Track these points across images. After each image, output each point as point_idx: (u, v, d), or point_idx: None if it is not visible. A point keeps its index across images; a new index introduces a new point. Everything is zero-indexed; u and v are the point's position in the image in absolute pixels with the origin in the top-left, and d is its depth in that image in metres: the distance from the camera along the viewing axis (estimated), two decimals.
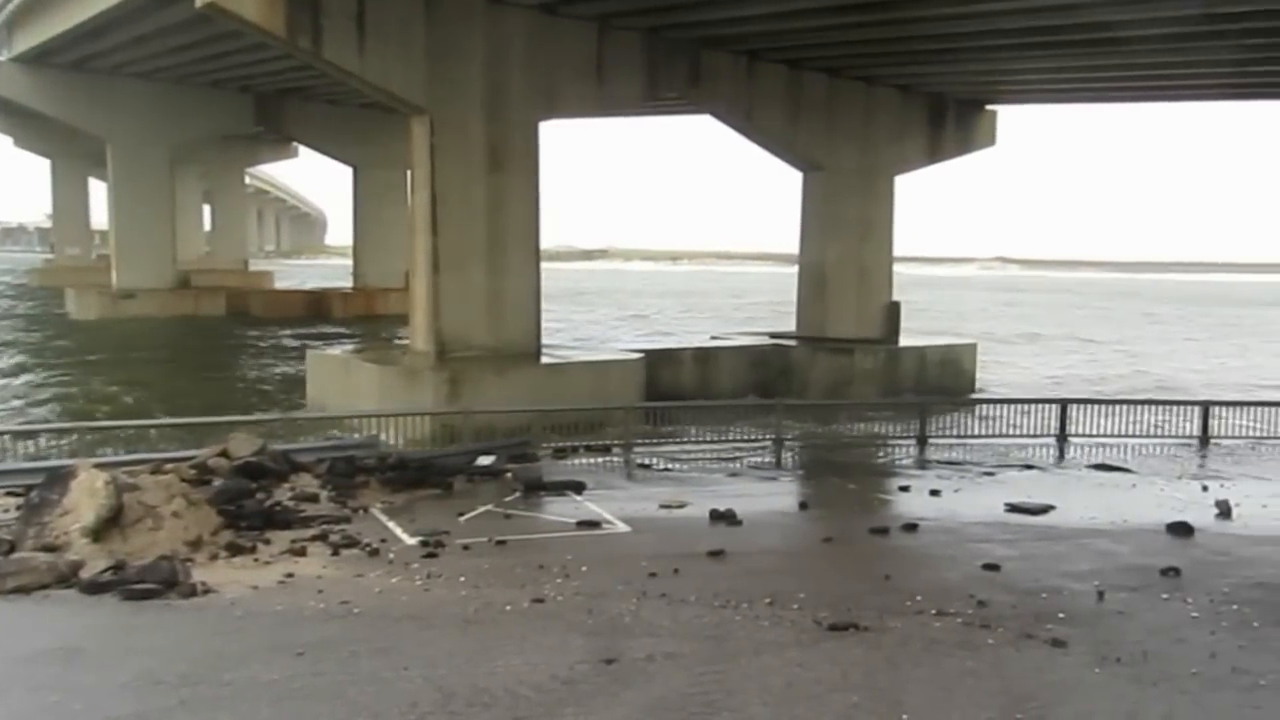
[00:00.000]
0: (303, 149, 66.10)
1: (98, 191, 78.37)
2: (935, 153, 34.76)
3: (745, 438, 21.16)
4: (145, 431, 18.47)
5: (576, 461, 19.09)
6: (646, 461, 19.07)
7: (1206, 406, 23.02)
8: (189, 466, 13.91)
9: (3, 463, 15.55)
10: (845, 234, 32.90)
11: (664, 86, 27.25)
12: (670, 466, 18.86)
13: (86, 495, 11.33)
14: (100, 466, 12.29)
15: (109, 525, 11.26)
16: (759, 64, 29.26)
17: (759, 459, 19.91)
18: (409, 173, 54.86)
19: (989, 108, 35.58)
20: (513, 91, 24.05)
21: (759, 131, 31.08)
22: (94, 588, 10.23)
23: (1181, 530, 13.97)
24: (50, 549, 10.92)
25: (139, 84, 46.04)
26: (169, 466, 13.69)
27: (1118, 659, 8.97)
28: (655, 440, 20.82)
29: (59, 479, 11.79)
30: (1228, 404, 23.93)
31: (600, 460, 19.23)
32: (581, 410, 21.06)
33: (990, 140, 35.99)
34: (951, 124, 34.66)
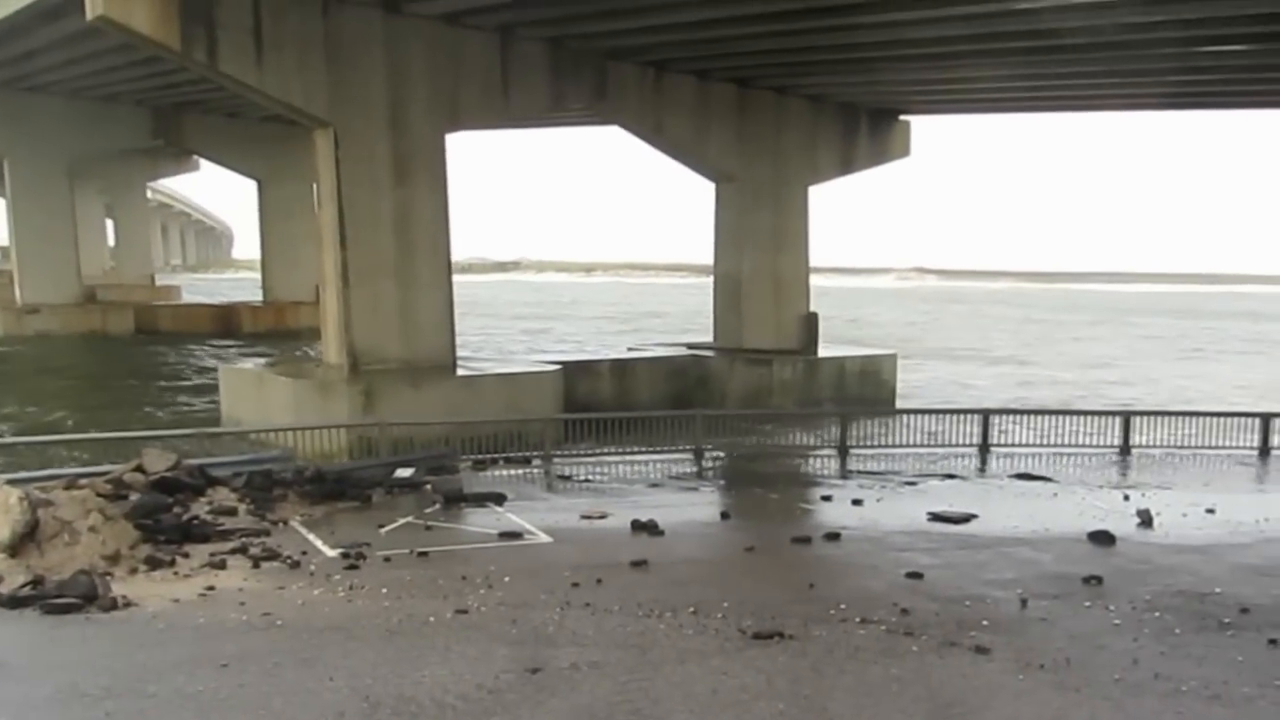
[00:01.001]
0: (205, 162, 65.03)
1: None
2: (849, 163, 35.00)
3: (665, 448, 21.20)
4: (57, 448, 18.33)
5: (496, 474, 19.07)
6: (566, 473, 19.05)
7: (1127, 417, 23.27)
8: (104, 482, 13.68)
9: None
10: (760, 245, 33.10)
11: (570, 98, 27.23)
12: (590, 478, 18.90)
13: (1, 511, 11.20)
14: (13, 483, 12.25)
15: (25, 541, 11.24)
16: (667, 75, 29.33)
17: (680, 469, 19.96)
18: (315, 186, 55.19)
19: (902, 118, 35.92)
20: (417, 103, 23.82)
21: (669, 143, 31.18)
22: (13, 602, 10.23)
23: (1103, 539, 14.12)
24: None
25: (34, 98, 45.32)
26: (83, 482, 13.50)
27: (1040, 665, 9.08)
28: (575, 452, 20.79)
29: None
30: (1148, 414, 24.19)
31: (520, 472, 19.22)
32: (500, 422, 20.89)
33: (904, 151, 36.31)
34: (865, 134, 34.96)
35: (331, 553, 12.59)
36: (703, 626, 9.97)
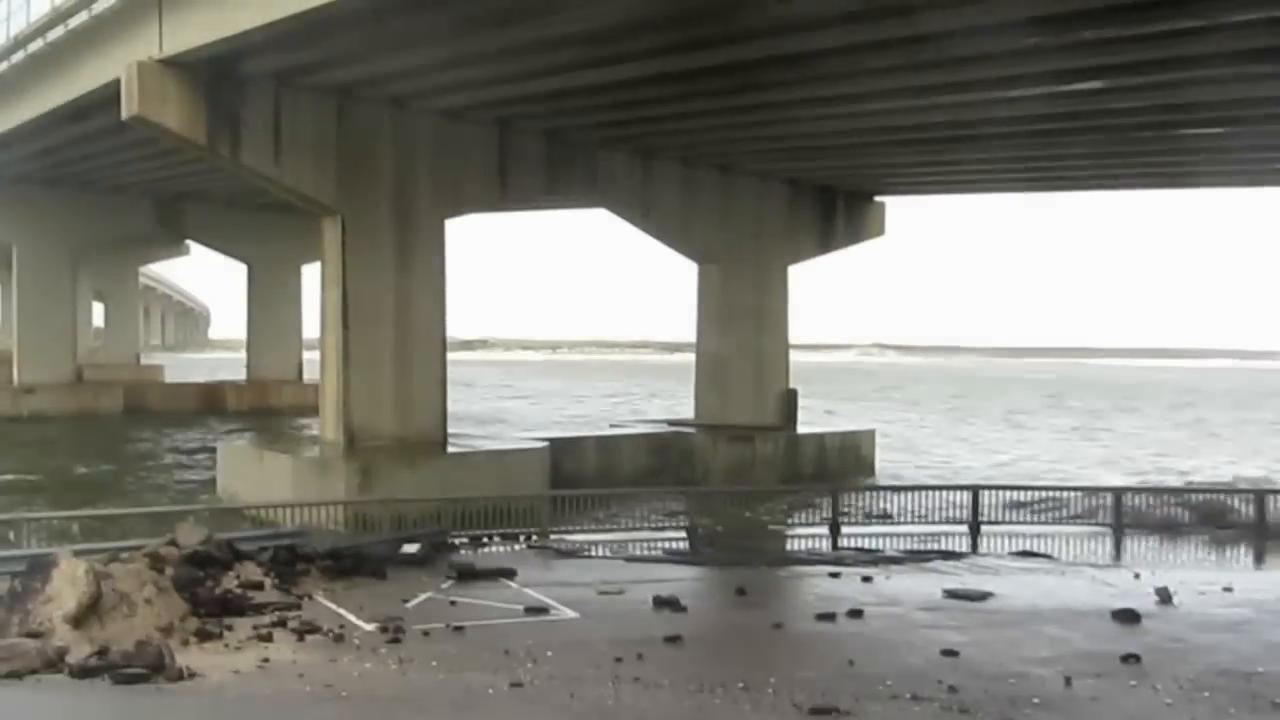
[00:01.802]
0: (194, 246, 66.21)
1: None
2: (827, 243, 36.06)
3: (658, 524, 21.60)
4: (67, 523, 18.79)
5: (493, 549, 19.34)
6: (563, 548, 19.42)
7: (1119, 493, 23.24)
8: (142, 555, 13.99)
9: None
10: (742, 323, 33.96)
11: (564, 185, 28.33)
12: (590, 553, 19.21)
13: (68, 583, 11.56)
14: (79, 555, 12.56)
15: (88, 612, 11.50)
16: (654, 162, 30.53)
17: (675, 545, 20.27)
18: (300, 269, 56.15)
19: (877, 199, 37.10)
20: (420, 192, 24.91)
21: (655, 226, 32.24)
22: (84, 672, 10.43)
23: (1128, 617, 13.97)
24: (34, 635, 11.11)
25: (43, 190, 46.59)
26: (125, 555, 13.79)
27: None
28: (569, 528, 21.21)
29: (41, 567, 12.00)
30: (1140, 490, 24.12)
31: (516, 548, 19.48)
32: (497, 498, 21.42)
33: (879, 230, 37.44)
34: (842, 215, 36.07)
35: (368, 626, 12.87)
36: (757, 702, 10.08)
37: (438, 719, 9.44)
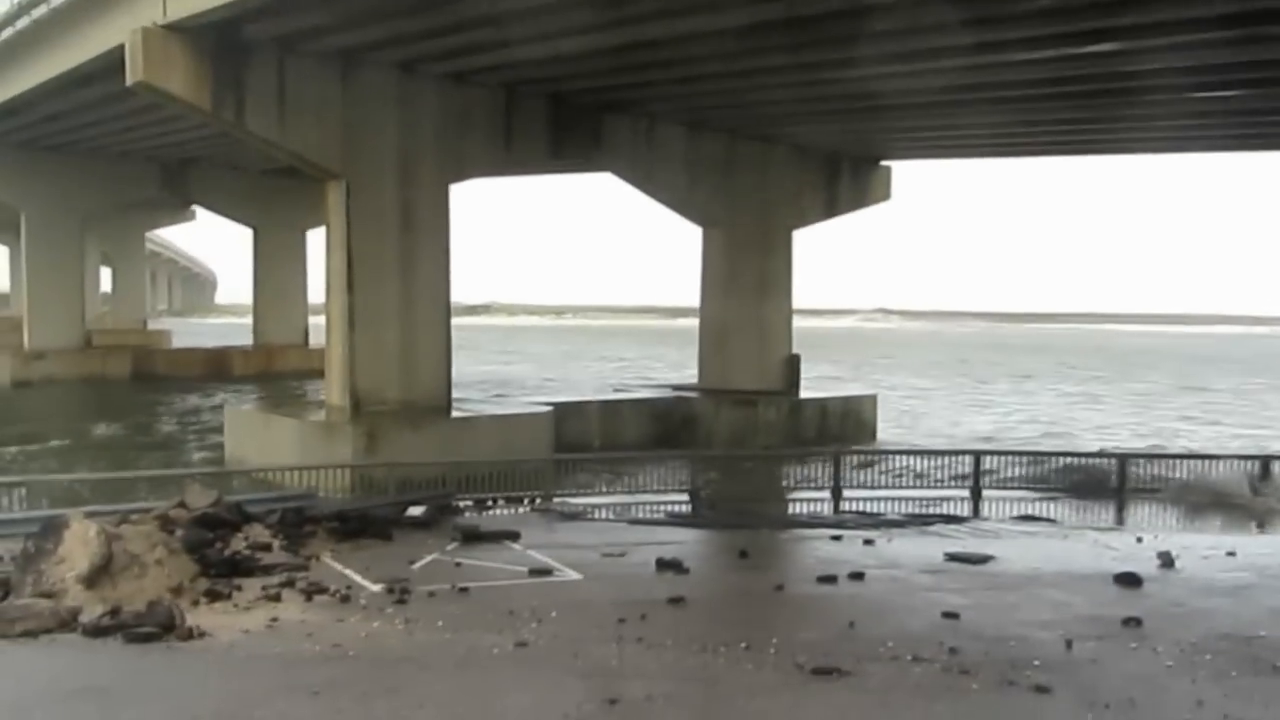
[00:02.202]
0: (200, 210, 66.47)
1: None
2: (832, 208, 35.95)
3: (660, 488, 21.73)
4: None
5: (498, 512, 19.53)
6: (566, 511, 19.59)
7: (1123, 459, 23.28)
8: (152, 517, 14.18)
9: None
10: (746, 288, 34.00)
11: (568, 149, 28.28)
12: (593, 516, 19.34)
13: (80, 544, 11.73)
14: (90, 516, 12.72)
15: (100, 573, 11.68)
16: (659, 126, 30.43)
17: (678, 508, 20.39)
18: (306, 233, 56.42)
19: (883, 163, 36.87)
20: (425, 156, 24.90)
21: (660, 191, 32.20)
22: (96, 631, 10.67)
23: (1130, 581, 13.98)
24: (48, 595, 11.32)
25: (52, 156, 46.81)
26: (135, 517, 13.97)
27: (1106, 705, 9.15)
28: (572, 491, 21.36)
29: (53, 529, 12.16)
30: (1143, 456, 24.07)
31: (521, 511, 19.65)
32: (501, 462, 21.58)
33: (885, 195, 37.22)
34: (847, 180, 35.93)
35: (375, 587, 13.01)
36: (759, 662, 10.20)
37: (443, 678, 9.56)
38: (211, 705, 8.73)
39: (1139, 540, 17.36)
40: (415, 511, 17.43)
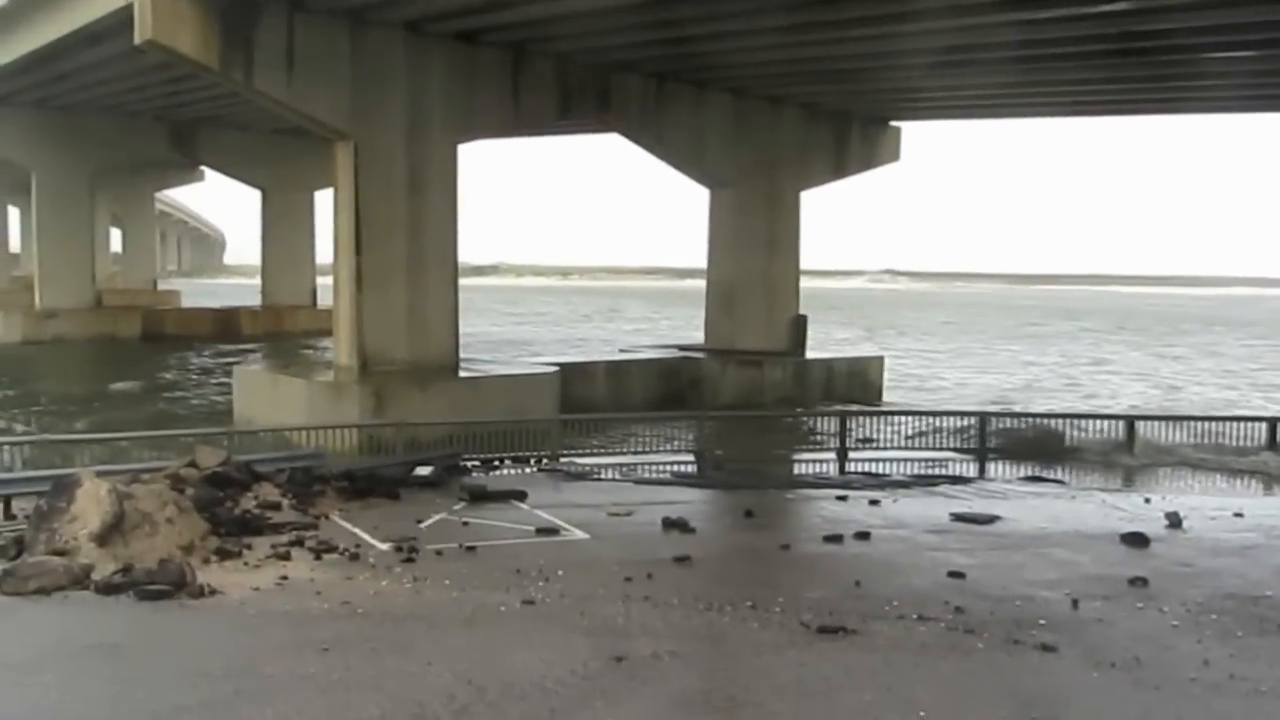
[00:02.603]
0: (209, 172, 66.56)
1: (11, 217, 78.62)
2: (841, 169, 35.75)
3: (666, 448, 21.82)
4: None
5: (505, 472, 19.57)
6: (573, 471, 19.66)
7: (1131, 421, 23.14)
8: (163, 476, 14.30)
9: None
10: (753, 249, 33.91)
11: (576, 109, 28.11)
12: (599, 476, 19.37)
13: (92, 503, 11.86)
14: (101, 475, 12.84)
15: (112, 531, 11.80)
16: (668, 86, 30.21)
17: (684, 468, 20.48)
18: (314, 194, 56.43)
19: (893, 124, 36.60)
20: (433, 116, 24.77)
21: (668, 151, 32.05)
22: (109, 588, 10.83)
23: (1137, 541, 13.99)
24: (60, 553, 11.47)
25: (61, 116, 46.84)
26: (146, 476, 14.10)
27: (1112, 664, 9.19)
28: (579, 451, 21.43)
29: (65, 487, 12.30)
30: (1153, 418, 23.96)
31: (528, 470, 19.71)
32: (508, 422, 21.64)
33: (895, 156, 37.02)
34: (856, 141, 35.69)
35: (383, 546, 13.12)
36: (765, 620, 10.27)
37: (451, 635, 9.66)
38: (222, 661, 8.85)
39: (1147, 501, 17.39)
40: (423, 471, 17.51)
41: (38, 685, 8.27)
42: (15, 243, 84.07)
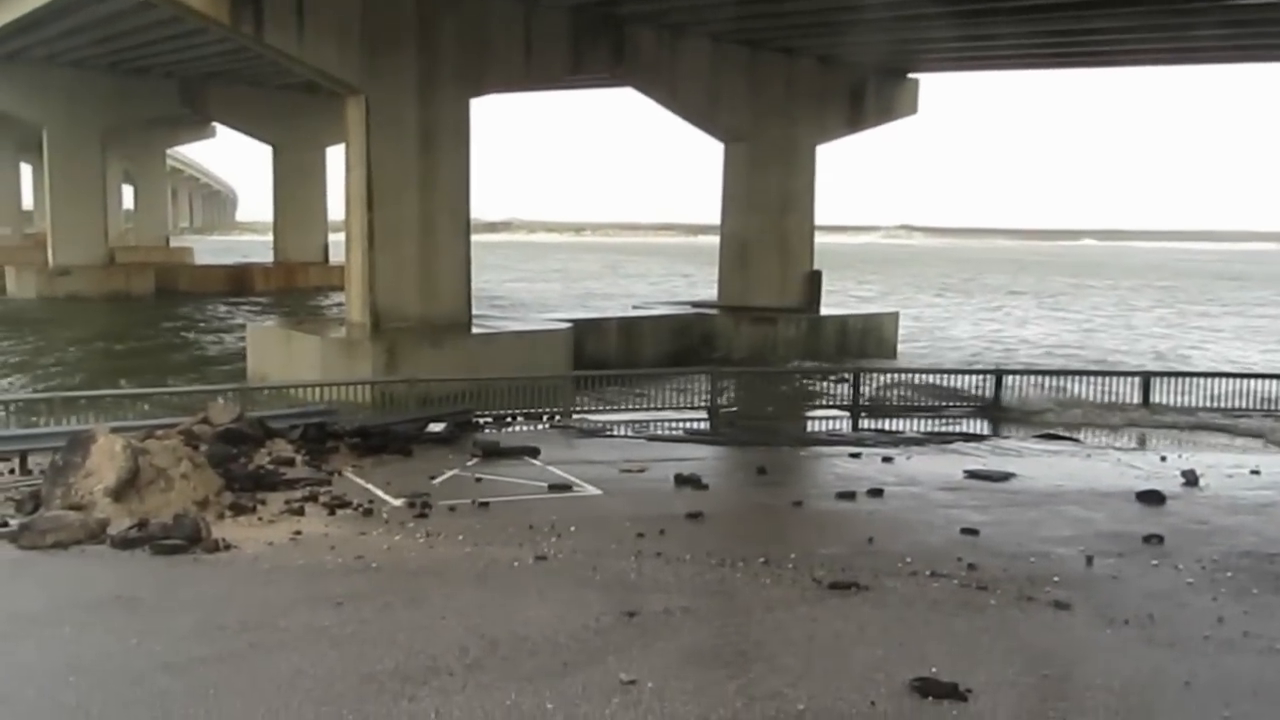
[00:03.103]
0: (220, 128, 66.49)
1: (24, 174, 78.96)
2: (856, 122, 35.24)
3: (679, 405, 21.74)
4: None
5: (517, 428, 19.59)
6: (586, 427, 19.63)
7: (1147, 377, 22.90)
8: (177, 432, 14.33)
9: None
10: (767, 204, 33.62)
11: (589, 62, 27.80)
12: (612, 432, 19.36)
13: (107, 458, 11.90)
14: (116, 431, 12.88)
15: (127, 486, 11.86)
16: (682, 38, 29.84)
17: (696, 425, 20.40)
18: (325, 150, 56.26)
19: (911, 76, 36.03)
20: (445, 71, 24.53)
21: (682, 105, 31.70)
22: (125, 543, 10.87)
23: (1153, 498, 13.89)
24: (76, 508, 11.51)
25: (71, 72, 46.83)
26: (160, 432, 14.13)
27: (1125, 621, 9.16)
28: (591, 407, 21.41)
29: (80, 443, 12.33)
30: (1169, 374, 23.62)
31: (540, 427, 19.70)
32: (520, 379, 21.61)
33: (912, 109, 36.43)
34: (872, 93, 35.14)
35: (396, 501, 13.13)
36: (778, 576, 10.26)
37: (464, 590, 9.65)
38: (238, 615, 8.88)
39: (1163, 459, 17.23)
40: (436, 427, 17.50)
41: (56, 637, 8.33)
42: (28, 200, 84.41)
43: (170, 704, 7.07)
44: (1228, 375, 23.57)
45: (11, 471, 14.50)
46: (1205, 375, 23.39)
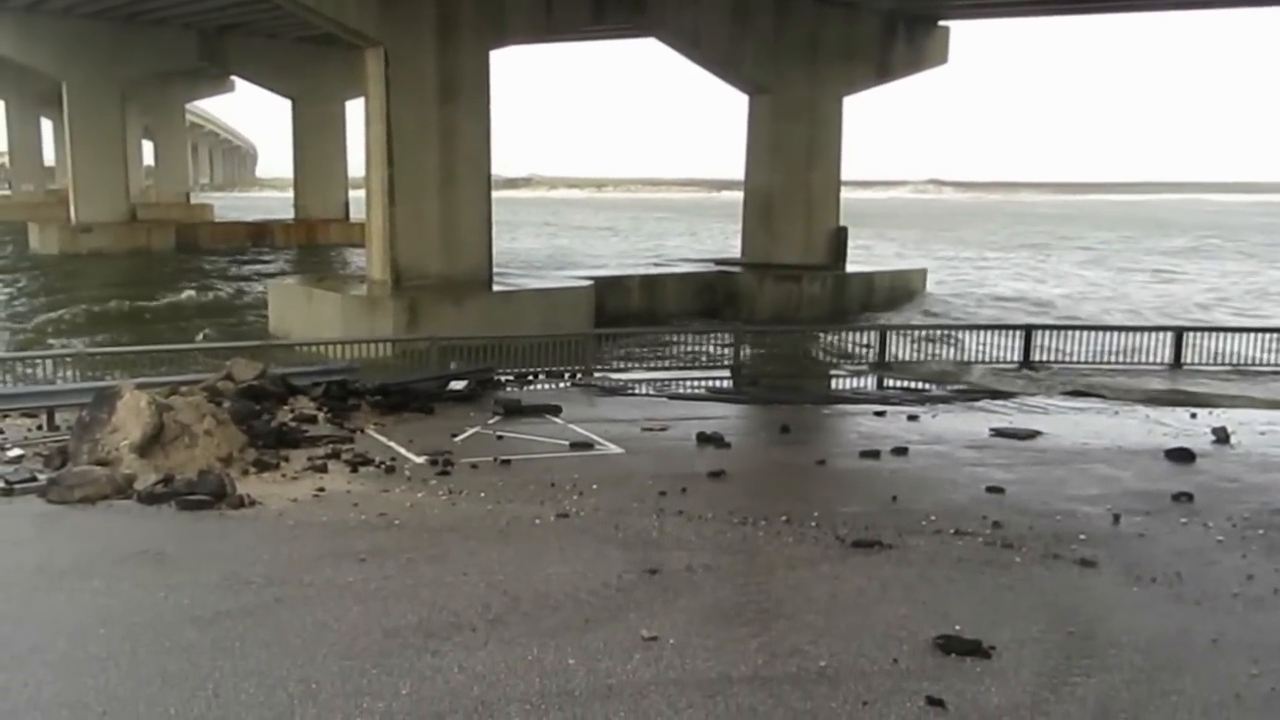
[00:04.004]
0: (239, 83, 66.38)
1: (45, 130, 79.51)
2: (885, 73, 34.64)
3: (702, 363, 21.64)
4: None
5: (539, 386, 19.49)
6: (607, 386, 19.58)
7: (1180, 332, 22.55)
8: (200, 389, 14.40)
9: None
10: (793, 158, 33.24)
11: (611, 12, 27.48)
12: (633, 391, 19.24)
13: (132, 414, 11.99)
14: (141, 387, 12.95)
15: (152, 442, 11.95)
16: None
17: (719, 383, 20.30)
18: (345, 105, 56.00)
19: (941, 24, 35.32)
20: (464, 21, 24.30)
21: (705, 56, 31.30)
22: (151, 498, 11.00)
23: (1182, 456, 13.70)
24: (103, 463, 11.62)
25: (90, 24, 46.75)
26: (184, 389, 14.20)
27: (1152, 579, 9.07)
28: (613, 365, 21.35)
29: (106, 399, 12.41)
30: (1201, 329, 23.10)
31: (561, 385, 19.62)
32: (539, 337, 21.56)
33: (942, 58, 35.76)
34: (902, 42, 34.47)
35: (418, 459, 13.15)
36: (800, 534, 10.20)
37: (486, 547, 9.68)
38: (263, 570, 8.96)
39: (1193, 416, 17.02)
40: (457, 385, 17.46)
41: (86, 590, 8.44)
42: (49, 155, 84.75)
43: (197, 656, 7.16)
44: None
45: (39, 427, 14.63)
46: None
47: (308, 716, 6.39)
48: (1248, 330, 23.42)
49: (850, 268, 34.42)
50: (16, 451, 13.02)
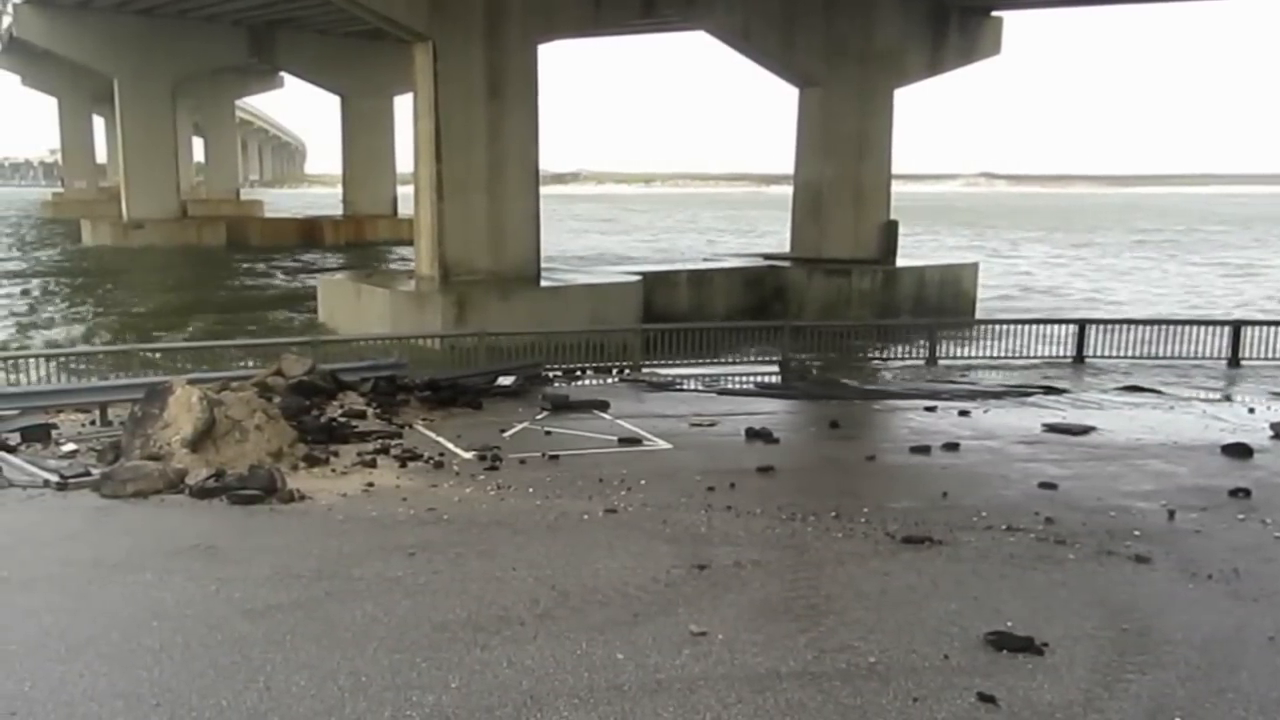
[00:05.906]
0: (288, 79, 67.06)
1: (97, 128, 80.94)
2: (937, 64, 34.00)
3: (751, 358, 21.49)
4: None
5: (586, 382, 19.51)
6: (655, 381, 19.51)
7: (1238, 326, 22.09)
8: (251, 384, 14.56)
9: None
10: (843, 151, 32.81)
11: (661, 5, 27.39)
12: (682, 386, 19.17)
13: (184, 410, 12.15)
14: (192, 383, 13.12)
15: (203, 437, 12.10)
16: None
17: (768, 379, 20.13)
18: (394, 100, 56.38)
19: (994, 14, 34.58)
20: (512, 15, 24.33)
21: (755, 48, 31.05)
22: (202, 493, 11.13)
23: (1239, 452, 13.46)
24: (155, 458, 11.77)
25: (141, 20, 47.49)
26: (235, 384, 14.38)
27: (1209, 576, 8.93)
28: (661, 361, 21.22)
29: (158, 394, 12.59)
30: (1262, 324, 22.56)
31: (609, 381, 19.60)
32: (587, 333, 21.53)
33: (995, 49, 35.00)
34: (954, 33, 33.84)
35: (467, 454, 13.21)
36: (850, 530, 10.15)
37: (535, 542, 9.69)
38: (313, 564, 9.04)
39: (1251, 411, 16.73)
40: (505, 381, 17.52)
41: (139, 583, 8.54)
42: (101, 153, 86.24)
43: (249, 649, 7.22)
44: None
45: (92, 423, 14.85)
46: None
47: (358, 709, 6.40)
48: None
49: (901, 262, 33.97)
50: (70, 446, 13.24)
